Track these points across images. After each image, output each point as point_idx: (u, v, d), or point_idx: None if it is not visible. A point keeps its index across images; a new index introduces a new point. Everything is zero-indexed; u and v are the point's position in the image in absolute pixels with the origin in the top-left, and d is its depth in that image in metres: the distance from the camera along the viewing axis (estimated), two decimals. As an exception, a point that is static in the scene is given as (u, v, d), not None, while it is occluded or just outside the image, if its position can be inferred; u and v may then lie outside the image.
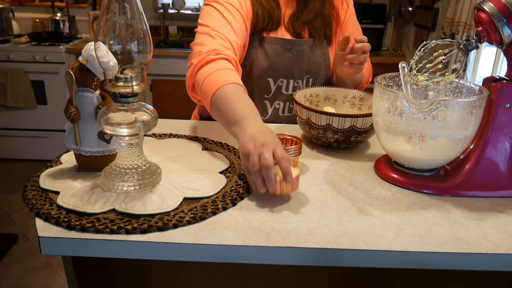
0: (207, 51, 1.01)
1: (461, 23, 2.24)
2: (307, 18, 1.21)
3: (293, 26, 1.21)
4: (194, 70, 1.01)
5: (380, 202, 0.81)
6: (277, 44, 1.19)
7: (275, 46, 1.19)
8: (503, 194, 0.85)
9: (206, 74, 0.97)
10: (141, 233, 0.68)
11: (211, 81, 0.95)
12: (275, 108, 1.27)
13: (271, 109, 1.27)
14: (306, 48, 1.22)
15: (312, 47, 1.23)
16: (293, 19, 1.21)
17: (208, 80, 0.96)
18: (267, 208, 0.77)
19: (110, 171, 0.79)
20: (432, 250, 0.67)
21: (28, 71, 2.97)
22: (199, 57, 1.00)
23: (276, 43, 1.19)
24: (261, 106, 1.26)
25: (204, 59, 0.99)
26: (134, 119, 0.74)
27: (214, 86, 0.93)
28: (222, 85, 0.92)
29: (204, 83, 0.97)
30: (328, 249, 0.67)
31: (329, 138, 1.00)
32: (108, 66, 0.72)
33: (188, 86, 1.05)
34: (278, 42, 1.19)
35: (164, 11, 3.46)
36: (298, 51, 1.21)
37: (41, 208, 0.73)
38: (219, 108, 0.92)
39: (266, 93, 1.24)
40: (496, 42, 0.79)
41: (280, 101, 1.26)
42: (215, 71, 0.97)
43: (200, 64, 0.99)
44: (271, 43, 1.19)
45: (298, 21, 1.21)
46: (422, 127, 0.80)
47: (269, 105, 1.26)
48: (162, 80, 3.11)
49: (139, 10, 0.70)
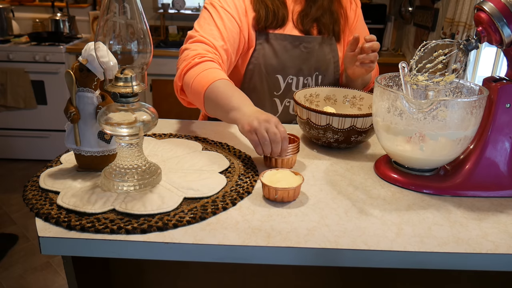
0: (192, 55, 1.07)
1: (461, 23, 2.25)
2: (316, 15, 1.22)
3: (302, 22, 1.22)
4: (182, 74, 1.07)
5: (380, 202, 0.81)
6: (286, 41, 1.20)
7: (284, 43, 1.20)
8: (503, 194, 0.85)
9: (195, 75, 1.03)
10: (141, 233, 0.68)
11: (201, 80, 1.01)
12: (286, 106, 1.27)
13: (281, 107, 1.27)
14: (314, 45, 1.23)
15: (320, 44, 1.24)
16: (302, 16, 1.22)
17: (198, 79, 1.02)
18: (267, 208, 0.77)
19: (110, 171, 0.79)
20: (432, 250, 0.67)
21: (28, 71, 2.97)
22: (185, 62, 1.07)
23: (284, 40, 1.20)
24: (271, 104, 1.26)
25: (189, 63, 1.05)
26: (134, 119, 0.74)
27: (205, 83, 1.00)
28: (213, 81, 0.99)
29: (194, 82, 1.02)
30: (328, 249, 0.67)
31: (329, 138, 1.00)
32: (108, 66, 0.72)
33: (177, 89, 1.11)
34: (286, 39, 1.20)
35: (164, 11, 3.46)
36: (307, 48, 1.22)
37: (41, 208, 0.73)
38: (214, 101, 0.98)
39: (275, 90, 1.25)
40: (496, 42, 0.79)
41: (290, 99, 1.26)
42: (203, 71, 1.03)
43: (187, 68, 1.06)
44: (279, 39, 1.20)
45: (307, 18, 1.22)
46: (422, 127, 0.80)
47: (279, 103, 1.26)
48: (162, 80, 3.11)
49: (139, 10, 0.70)
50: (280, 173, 0.83)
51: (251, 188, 0.83)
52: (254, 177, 0.87)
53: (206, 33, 1.12)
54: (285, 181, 0.80)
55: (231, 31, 1.14)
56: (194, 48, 1.09)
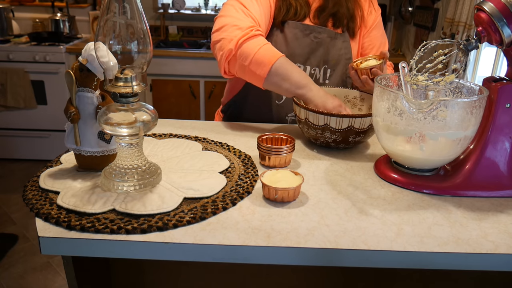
0: (248, 26, 1.08)
1: (461, 23, 2.25)
2: (333, 10, 1.24)
3: (318, 16, 1.24)
4: (238, 42, 1.05)
5: (380, 202, 0.81)
6: (297, 29, 1.22)
7: (294, 31, 1.22)
8: (503, 194, 0.85)
9: (257, 45, 1.05)
10: (141, 233, 0.68)
11: (266, 52, 1.05)
12: None
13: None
14: (325, 37, 1.23)
15: (333, 38, 1.24)
16: (319, 10, 1.24)
17: (262, 51, 1.05)
18: (267, 208, 0.77)
19: (110, 171, 0.79)
20: (432, 250, 0.67)
21: (28, 71, 2.97)
22: (241, 31, 1.06)
23: (295, 28, 1.22)
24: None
25: (247, 33, 1.06)
26: (134, 119, 0.74)
27: (272, 56, 1.04)
28: (279, 56, 1.05)
29: (258, 53, 1.04)
30: (328, 249, 0.67)
31: (327, 138, 1.00)
32: (108, 66, 0.72)
33: (226, 57, 1.08)
34: (297, 27, 1.22)
35: (164, 11, 3.46)
36: (317, 38, 1.23)
37: (41, 208, 0.73)
38: (283, 74, 1.05)
39: None
40: (496, 42, 0.79)
41: None
42: (265, 44, 1.06)
43: (246, 36, 1.06)
44: (291, 27, 1.22)
45: (324, 12, 1.24)
46: (422, 127, 0.80)
47: None
48: (162, 80, 3.11)
49: (139, 10, 0.70)
50: (280, 173, 0.83)
51: (251, 188, 0.83)
52: (254, 177, 0.87)
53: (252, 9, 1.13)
54: (285, 181, 0.80)
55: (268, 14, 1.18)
56: (243, 20, 1.10)
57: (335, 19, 1.24)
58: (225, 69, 1.11)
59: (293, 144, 0.93)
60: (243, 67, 1.07)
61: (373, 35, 1.30)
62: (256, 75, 1.06)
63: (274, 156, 0.91)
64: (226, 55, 1.07)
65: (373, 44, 1.31)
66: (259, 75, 1.05)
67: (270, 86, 1.08)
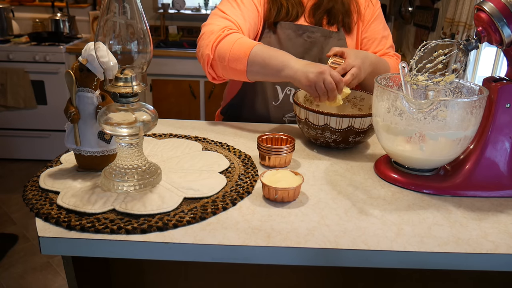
0: (220, 28, 1.10)
1: (461, 23, 2.25)
2: (328, 6, 1.23)
3: (313, 14, 1.24)
4: (213, 46, 1.08)
5: (380, 202, 0.81)
6: (289, 29, 1.22)
7: (287, 31, 1.22)
8: (503, 194, 0.85)
9: (231, 43, 1.06)
10: (141, 233, 0.68)
11: (240, 47, 1.05)
12: (286, 94, 1.27)
13: (282, 95, 1.27)
14: (319, 37, 1.23)
15: (327, 37, 1.24)
16: (315, 8, 1.24)
17: (236, 47, 1.05)
18: (267, 208, 0.77)
19: (110, 171, 0.79)
20: (432, 250, 0.67)
21: (28, 71, 2.97)
22: (214, 35, 1.09)
23: (288, 28, 1.22)
24: (273, 91, 1.27)
25: (220, 35, 1.08)
26: (134, 119, 0.74)
27: (246, 49, 1.04)
28: (253, 46, 1.05)
29: (232, 50, 1.06)
30: (328, 249, 0.67)
31: (327, 138, 1.00)
32: (108, 66, 0.72)
33: (207, 62, 1.11)
34: (290, 27, 1.22)
35: (164, 11, 3.46)
36: (310, 37, 1.23)
37: (41, 208, 0.73)
38: (260, 63, 1.04)
39: None
40: (496, 42, 0.79)
41: (291, 87, 1.26)
42: (238, 39, 1.07)
43: (218, 39, 1.08)
44: (284, 28, 1.22)
45: (319, 9, 1.23)
46: (422, 127, 0.80)
47: (281, 91, 1.27)
48: (162, 80, 3.11)
49: (139, 10, 0.70)
50: (280, 173, 0.83)
51: (251, 188, 0.83)
52: (254, 177, 0.87)
53: (229, 12, 1.16)
54: (285, 181, 0.80)
55: (253, 15, 1.18)
56: (219, 23, 1.12)
57: (330, 15, 1.24)
58: (212, 74, 1.14)
59: (293, 144, 0.93)
60: (224, 67, 1.09)
61: (372, 28, 1.28)
62: (237, 71, 1.07)
63: (274, 156, 0.91)
64: (206, 61, 1.10)
65: (374, 38, 1.28)
66: (240, 70, 1.06)
67: (255, 77, 1.08)
